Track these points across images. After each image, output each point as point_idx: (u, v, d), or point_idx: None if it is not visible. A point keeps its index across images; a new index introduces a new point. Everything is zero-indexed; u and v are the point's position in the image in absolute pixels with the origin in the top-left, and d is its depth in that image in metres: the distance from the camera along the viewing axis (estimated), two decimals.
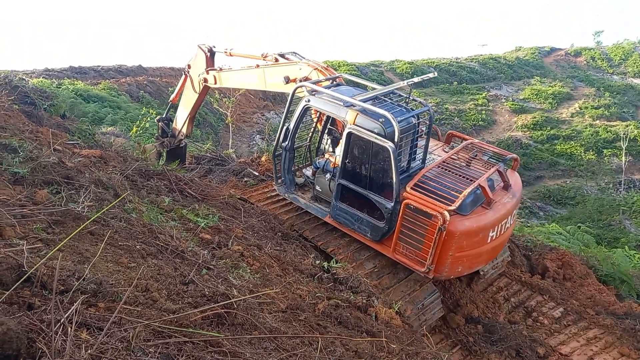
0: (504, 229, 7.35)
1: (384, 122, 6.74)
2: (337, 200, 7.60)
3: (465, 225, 6.63)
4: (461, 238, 6.62)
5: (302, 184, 8.85)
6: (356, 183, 7.30)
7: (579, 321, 8.39)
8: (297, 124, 7.98)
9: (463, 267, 7.16)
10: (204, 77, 9.96)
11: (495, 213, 7.00)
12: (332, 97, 7.40)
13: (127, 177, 5.96)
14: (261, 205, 8.59)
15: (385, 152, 6.75)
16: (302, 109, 7.79)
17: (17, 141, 5.33)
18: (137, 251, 4.05)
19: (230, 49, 9.69)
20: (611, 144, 43.22)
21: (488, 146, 8.52)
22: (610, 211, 32.16)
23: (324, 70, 8.37)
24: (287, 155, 8.27)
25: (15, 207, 3.81)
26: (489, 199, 6.95)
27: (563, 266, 10.17)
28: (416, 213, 6.64)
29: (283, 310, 4.11)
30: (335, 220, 7.80)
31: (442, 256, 6.68)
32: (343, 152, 7.25)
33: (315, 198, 8.46)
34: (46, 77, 22.28)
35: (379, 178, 7.08)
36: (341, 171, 7.37)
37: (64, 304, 2.65)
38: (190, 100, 10.70)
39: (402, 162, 7.16)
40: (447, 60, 59.52)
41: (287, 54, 8.95)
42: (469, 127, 45.16)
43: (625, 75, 62.44)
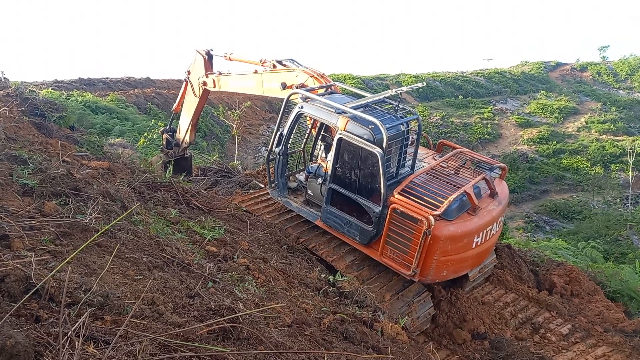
0: (490, 235, 7.52)
1: (373, 128, 6.95)
2: (328, 204, 7.81)
3: (450, 230, 6.79)
4: (446, 242, 6.77)
5: (295, 188, 9.04)
6: (346, 187, 7.53)
7: (587, 338, 8.27)
8: (291, 129, 8.24)
9: (448, 271, 7.30)
10: (203, 80, 10.14)
11: (481, 219, 7.18)
12: (324, 104, 7.64)
13: (135, 189, 5.99)
14: (250, 209, 8.85)
15: (373, 157, 6.98)
16: (296, 115, 8.07)
17: (27, 153, 5.38)
18: (143, 264, 4.06)
19: (230, 53, 9.87)
20: (618, 159, 43.01)
21: (477, 155, 8.69)
22: (618, 226, 31.86)
23: (319, 78, 8.62)
24: (280, 160, 8.51)
25: (24, 218, 3.83)
26: (474, 205, 7.13)
27: (571, 282, 10.06)
28: (403, 217, 6.83)
29: (289, 325, 4.08)
30: (325, 223, 7.99)
31: (427, 260, 6.84)
32: (334, 157, 7.48)
33: (307, 202, 8.65)
34: (55, 89, 22.56)
35: (368, 183, 7.30)
36: (332, 176, 7.60)
37: (71, 317, 2.65)
38: (191, 106, 10.83)
39: (391, 168, 7.34)
40: (452, 74, 59.77)
41: (284, 60, 9.16)
42: (474, 140, 45.15)
43: (632, 90, 62.39)
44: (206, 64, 10.15)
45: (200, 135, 25.98)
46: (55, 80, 26.24)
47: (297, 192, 8.99)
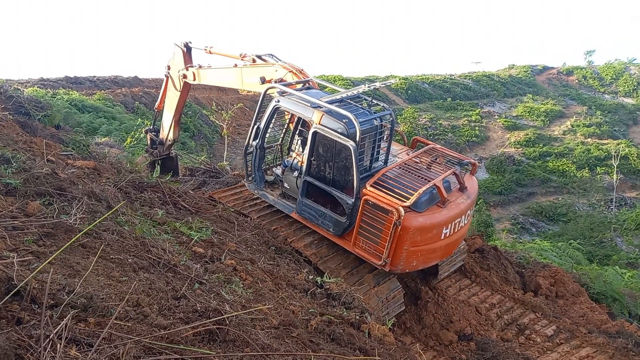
0: (458, 227, 7.75)
1: (347, 122, 7.17)
2: (303, 196, 7.98)
3: (420, 221, 7.01)
4: (415, 233, 6.99)
5: (271, 181, 9.19)
6: (320, 180, 7.73)
7: (572, 339, 8.37)
8: (267, 123, 8.37)
9: (418, 261, 7.50)
10: (183, 72, 10.12)
11: (449, 212, 7.42)
12: (300, 99, 7.84)
13: (121, 189, 5.92)
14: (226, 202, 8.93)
15: (347, 150, 7.18)
16: (272, 109, 8.21)
17: (10, 152, 5.29)
18: (128, 265, 4.01)
19: (210, 47, 9.90)
20: (602, 162, 43.66)
21: (448, 151, 8.98)
22: (602, 228, 32.35)
23: (298, 73, 8.76)
24: (257, 153, 8.63)
25: (7, 218, 3.77)
26: (443, 198, 7.36)
27: (556, 284, 10.18)
28: (374, 209, 7.05)
29: (275, 327, 4.06)
30: (300, 215, 8.14)
31: (398, 250, 7.05)
32: (309, 150, 7.65)
33: (284, 195, 8.81)
34: (41, 87, 22.24)
35: (341, 175, 7.51)
36: (307, 168, 7.77)
37: (53, 319, 2.61)
38: (173, 102, 10.76)
39: (365, 162, 7.58)
40: (441, 76, 60.21)
41: (264, 55, 9.26)
42: (462, 142, 45.52)
43: (617, 95, 63.42)
44: (185, 57, 10.16)
45: (189, 135, 25.81)
46: (41, 79, 25.87)
47: (274, 186, 9.15)
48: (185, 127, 26.31)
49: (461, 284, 9.55)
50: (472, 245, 10.79)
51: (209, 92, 35.56)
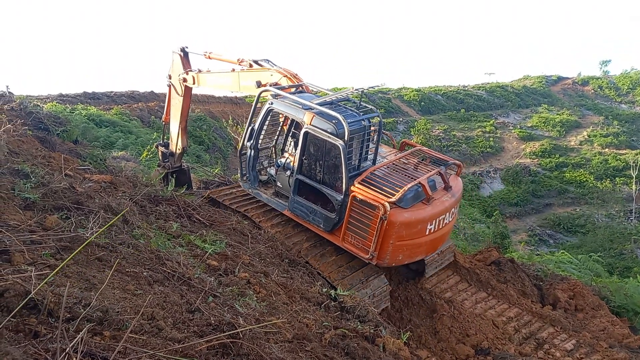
0: (443, 224, 8.10)
1: (337, 123, 7.57)
2: (295, 194, 8.40)
3: (405, 216, 7.36)
4: (401, 228, 7.35)
5: (265, 181, 9.66)
6: (311, 178, 8.16)
7: (592, 354, 8.17)
8: (262, 124, 8.86)
9: (404, 255, 7.82)
10: (183, 76, 10.43)
11: (434, 209, 7.78)
12: (292, 101, 8.26)
13: (136, 203, 5.99)
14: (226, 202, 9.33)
15: (336, 149, 7.60)
16: (266, 110, 8.69)
17: (30, 166, 5.40)
18: (144, 278, 4.04)
19: (209, 52, 10.28)
20: (621, 172, 42.91)
21: (434, 153, 9.46)
22: (622, 240, 31.67)
23: (292, 78, 9.13)
24: (252, 153, 9.11)
25: (25, 232, 3.83)
26: (428, 196, 7.71)
27: (575, 297, 9.98)
28: (362, 204, 7.45)
29: (289, 340, 4.04)
30: (292, 212, 8.55)
31: (384, 244, 7.41)
32: (300, 149, 8.09)
33: (277, 194, 9.24)
34: (60, 103, 22.70)
35: (331, 173, 7.92)
36: (298, 167, 8.20)
37: (69, 333, 2.64)
38: (177, 109, 11.01)
39: (353, 161, 8.00)
40: (454, 87, 60.03)
41: (260, 60, 9.64)
42: (477, 153, 45.16)
43: (634, 104, 62.50)
44: (183, 61, 10.47)
45: (203, 148, 26.05)
46: (59, 94, 26.40)
47: (268, 185, 9.60)
48: (199, 141, 26.57)
49: (477, 297, 9.41)
50: (488, 257, 10.66)
51: (223, 105, 35.97)
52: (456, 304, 8.86)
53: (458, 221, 27.41)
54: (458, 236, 21.36)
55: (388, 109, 48.63)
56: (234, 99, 36.68)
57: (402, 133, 43.69)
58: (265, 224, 8.74)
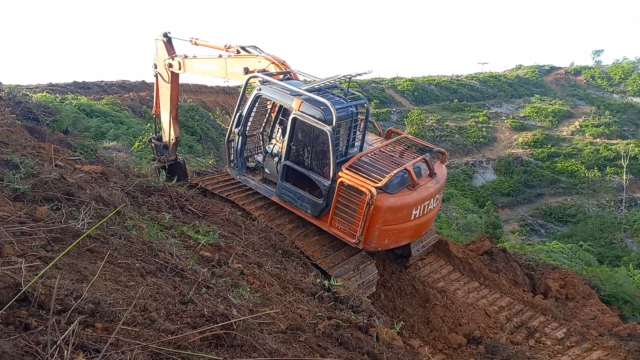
0: (427, 210, 8.29)
1: (324, 109, 7.64)
2: (283, 180, 8.45)
3: (391, 201, 7.51)
4: (387, 212, 7.49)
5: (253, 167, 9.66)
6: (299, 164, 8.24)
7: (582, 342, 8.27)
8: (250, 110, 8.89)
9: (389, 240, 7.99)
10: (169, 62, 10.24)
11: (419, 194, 7.96)
12: (281, 87, 8.32)
13: (128, 194, 5.94)
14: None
15: (324, 135, 7.67)
16: (254, 97, 8.73)
17: (19, 157, 5.32)
18: (136, 269, 4.01)
19: (195, 38, 10.10)
20: (612, 162, 43.26)
21: (419, 140, 9.75)
22: (612, 229, 32.04)
23: (280, 65, 9.05)
24: (239, 139, 9.12)
25: (15, 224, 3.78)
26: (413, 181, 7.88)
27: (565, 286, 10.07)
28: (349, 190, 7.55)
29: (283, 331, 4.04)
30: (280, 199, 8.61)
31: (370, 229, 7.53)
32: (288, 135, 8.11)
33: (264, 180, 9.28)
34: (50, 92, 22.42)
35: (319, 159, 8.02)
36: (286, 153, 8.24)
37: (60, 325, 2.61)
38: (166, 97, 10.81)
39: (341, 148, 8.06)
40: (447, 77, 59.98)
41: (248, 47, 9.50)
42: (469, 144, 45.30)
43: (625, 94, 62.86)
44: (167, 47, 10.29)
45: (196, 139, 25.87)
46: (49, 84, 26.06)
47: (255, 172, 9.62)
48: (192, 131, 26.37)
49: (470, 287, 9.48)
50: (480, 247, 10.72)
51: (215, 95, 35.70)
52: (449, 294, 8.92)
53: (451, 211, 27.56)
54: (451, 226, 21.47)
55: (381, 98, 48.56)
56: (227, 89, 36.36)
57: (395, 123, 43.68)
58: (249, 207, 8.85)
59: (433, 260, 10.15)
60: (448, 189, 36.62)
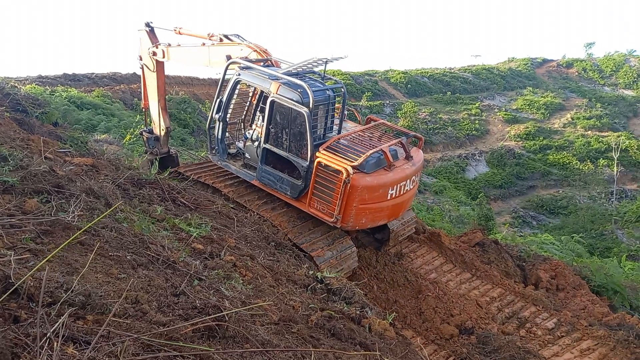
0: (404, 190, 8.49)
1: (302, 92, 7.82)
2: (262, 163, 8.62)
3: (367, 180, 7.71)
4: (363, 191, 7.69)
5: (234, 154, 9.87)
6: (278, 146, 8.39)
7: (573, 332, 8.37)
8: (230, 96, 9.05)
9: (367, 219, 8.17)
10: (152, 50, 10.27)
11: (395, 175, 8.16)
12: (259, 72, 8.51)
13: (119, 186, 5.89)
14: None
15: (301, 117, 7.86)
16: (234, 82, 8.88)
17: (7, 149, 5.26)
18: (127, 262, 3.99)
19: (179, 27, 10.21)
20: (603, 154, 43.60)
21: (396, 127, 10.03)
22: (603, 221, 32.35)
23: (262, 53, 9.18)
24: (220, 125, 9.26)
25: (4, 216, 3.74)
26: (389, 162, 8.10)
27: (556, 276, 10.18)
28: (326, 170, 7.76)
29: (275, 322, 4.05)
30: (260, 182, 8.80)
31: (348, 207, 7.74)
32: (267, 119, 8.27)
33: (245, 165, 9.46)
34: (39, 84, 22.17)
35: (297, 141, 8.17)
36: (265, 136, 8.40)
37: (50, 317, 2.59)
38: (153, 86, 10.83)
39: (318, 131, 8.25)
40: (440, 70, 59.98)
41: (230, 35, 9.66)
42: (462, 136, 45.43)
43: (617, 87, 63.22)
44: (150, 36, 10.34)
45: (188, 131, 25.73)
46: (39, 76, 25.77)
47: (236, 158, 9.82)
48: (184, 124, 26.22)
49: (462, 278, 9.55)
50: (472, 239, 10.78)
51: (207, 87, 35.50)
52: (441, 285, 8.99)
53: (443, 203, 27.68)
54: (443, 218, 21.58)
55: (375, 91, 48.50)
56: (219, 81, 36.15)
57: (388, 115, 43.67)
58: (218, 185, 9.10)
59: (425, 252, 10.20)
60: (441, 182, 36.77)
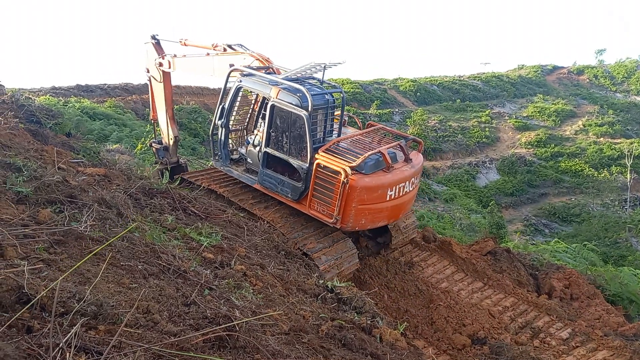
0: (403, 192, 8.59)
1: (301, 96, 8.05)
2: (264, 167, 8.83)
3: (366, 181, 7.86)
4: (362, 192, 7.83)
5: (237, 159, 10.10)
6: (278, 150, 8.61)
7: (587, 342, 8.22)
8: (232, 102, 9.33)
9: (366, 220, 8.31)
10: (159, 61, 10.57)
11: (394, 176, 8.30)
12: (260, 78, 8.80)
13: (131, 196, 5.94)
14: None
15: (300, 120, 8.07)
16: (235, 88, 9.14)
17: (22, 160, 5.34)
18: (138, 271, 4.01)
19: (185, 39, 10.48)
20: (616, 161, 43.07)
21: (395, 131, 10.32)
22: (617, 229, 31.86)
23: (264, 61, 9.42)
24: (222, 131, 9.51)
25: (18, 226, 3.79)
26: (388, 164, 8.23)
27: (570, 286, 10.03)
28: (325, 171, 7.95)
29: (286, 332, 4.03)
30: (262, 185, 8.99)
31: (347, 208, 7.89)
32: (267, 123, 8.51)
33: (247, 170, 9.68)
34: (53, 95, 22.51)
35: (297, 144, 8.37)
36: (266, 140, 8.63)
37: (63, 327, 2.61)
38: (160, 97, 11.09)
39: (318, 134, 8.45)
40: (450, 78, 59.88)
41: (234, 45, 9.91)
42: (472, 144, 45.18)
43: (629, 93, 62.57)
44: (157, 48, 10.67)
45: (199, 140, 25.91)
46: (53, 87, 26.16)
47: (239, 163, 10.05)
48: (194, 133, 26.43)
49: (474, 287, 9.45)
50: (484, 247, 10.68)
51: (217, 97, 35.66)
52: (452, 294, 8.90)
53: (454, 211, 27.48)
54: (454, 227, 21.42)
55: (384, 99, 48.51)
56: None
57: (397, 124, 43.61)
58: (214, 186, 9.37)
59: (436, 260, 10.12)
60: (451, 190, 36.55)
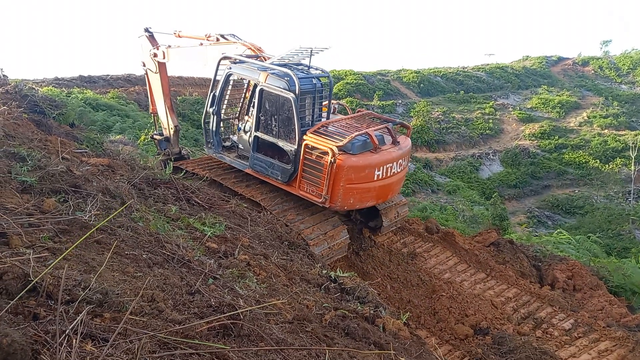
0: (390, 172, 8.82)
1: (289, 80, 8.30)
2: (254, 151, 9.08)
3: (353, 161, 8.10)
4: (349, 171, 8.08)
5: (229, 146, 10.39)
6: (268, 133, 8.86)
7: (590, 333, 8.25)
8: (222, 89, 9.55)
9: (354, 199, 8.53)
10: (153, 52, 10.69)
11: (381, 157, 8.54)
12: (249, 64, 9.03)
13: (135, 186, 5.96)
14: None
15: (288, 102, 8.30)
16: (226, 75, 9.38)
17: (26, 150, 5.35)
18: (143, 260, 4.03)
19: (179, 31, 10.66)
20: (620, 153, 42.85)
21: (383, 116, 10.60)
22: (620, 221, 31.78)
23: (256, 50, 9.58)
24: (214, 119, 9.75)
25: (23, 215, 3.81)
26: (375, 145, 8.47)
27: (573, 277, 10.04)
28: (313, 151, 8.18)
29: (290, 321, 4.06)
30: (253, 169, 9.24)
31: (335, 187, 8.11)
32: (256, 107, 8.78)
33: (239, 156, 9.94)
34: (56, 86, 22.51)
35: (285, 126, 8.61)
36: (255, 124, 8.89)
37: (69, 315, 2.63)
38: (157, 88, 11.19)
39: (307, 118, 8.71)
40: (453, 69, 59.49)
41: (226, 35, 10.05)
42: (476, 135, 45.00)
43: (634, 85, 62.07)
44: (151, 41, 10.80)
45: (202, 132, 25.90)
46: (55, 78, 26.14)
47: (231, 150, 10.36)
48: (197, 124, 26.40)
49: (476, 278, 9.48)
50: (487, 239, 10.69)
51: None
52: (455, 285, 8.92)
53: (457, 203, 27.47)
54: (457, 218, 21.42)
55: (387, 90, 48.29)
56: None
57: (401, 115, 43.44)
58: (197, 170, 9.63)
59: (439, 251, 10.14)
60: (454, 181, 36.49)
